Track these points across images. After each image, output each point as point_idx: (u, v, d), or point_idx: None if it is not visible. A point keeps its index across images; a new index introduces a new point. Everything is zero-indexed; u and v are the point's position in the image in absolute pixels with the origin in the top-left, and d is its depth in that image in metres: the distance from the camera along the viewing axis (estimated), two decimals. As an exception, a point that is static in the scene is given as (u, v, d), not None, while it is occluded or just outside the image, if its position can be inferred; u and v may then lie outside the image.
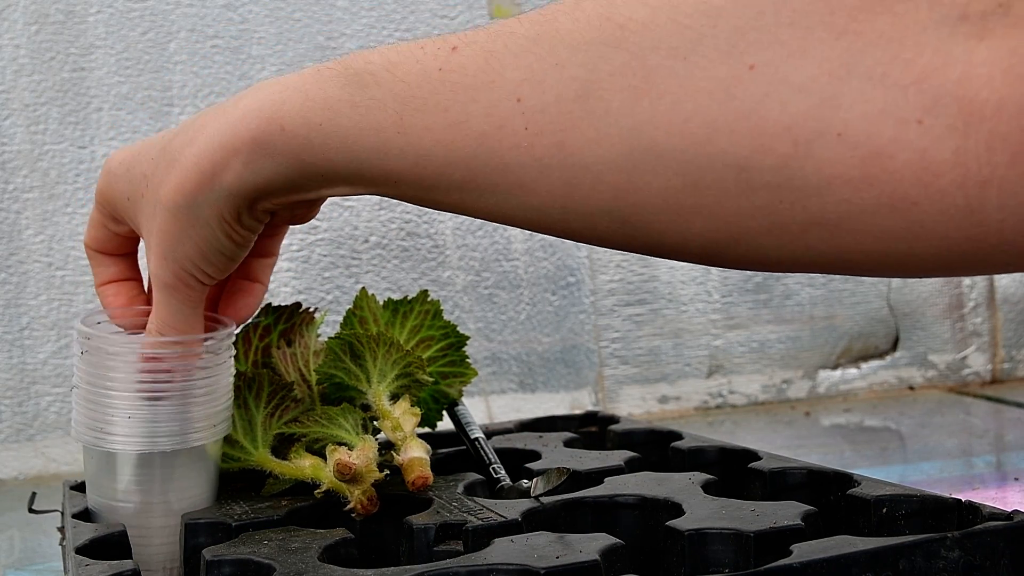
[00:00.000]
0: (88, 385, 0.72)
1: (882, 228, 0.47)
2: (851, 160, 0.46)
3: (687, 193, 0.51)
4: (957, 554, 0.60)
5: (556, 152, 0.54)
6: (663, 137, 0.50)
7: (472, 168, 0.58)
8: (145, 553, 0.72)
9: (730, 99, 0.48)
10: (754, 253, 0.52)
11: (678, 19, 0.50)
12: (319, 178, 0.64)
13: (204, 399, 0.73)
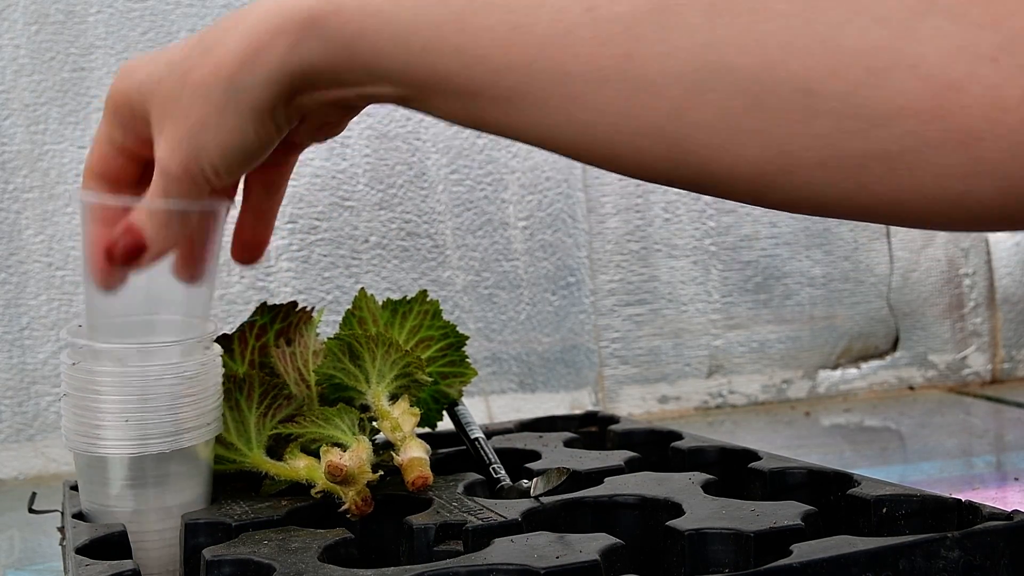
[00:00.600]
0: (77, 391, 0.72)
1: (943, 165, 0.48)
2: (923, 91, 0.47)
3: (748, 115, 0.51)
4: (957, 554, 0.60)
5: (621, 64, 0.53)
6: (734, 55, 0.50)
7: (527, 75, 0.57)
8: (143, 558, 0.72)
9: (808, 23, 0.49)
10: (804, 189, 0.51)
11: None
12: (364, 71, 0.62)
13: (193, 398, 0.73)
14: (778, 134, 0.51)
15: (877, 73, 0.48)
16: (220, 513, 0.73)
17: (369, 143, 1.33)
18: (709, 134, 0.52)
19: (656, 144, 0.54)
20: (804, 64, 0.49)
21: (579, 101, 0.56)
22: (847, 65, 0.48)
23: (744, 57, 0.50)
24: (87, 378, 0.72)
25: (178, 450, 0.73)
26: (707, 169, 0.53)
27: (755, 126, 0.51)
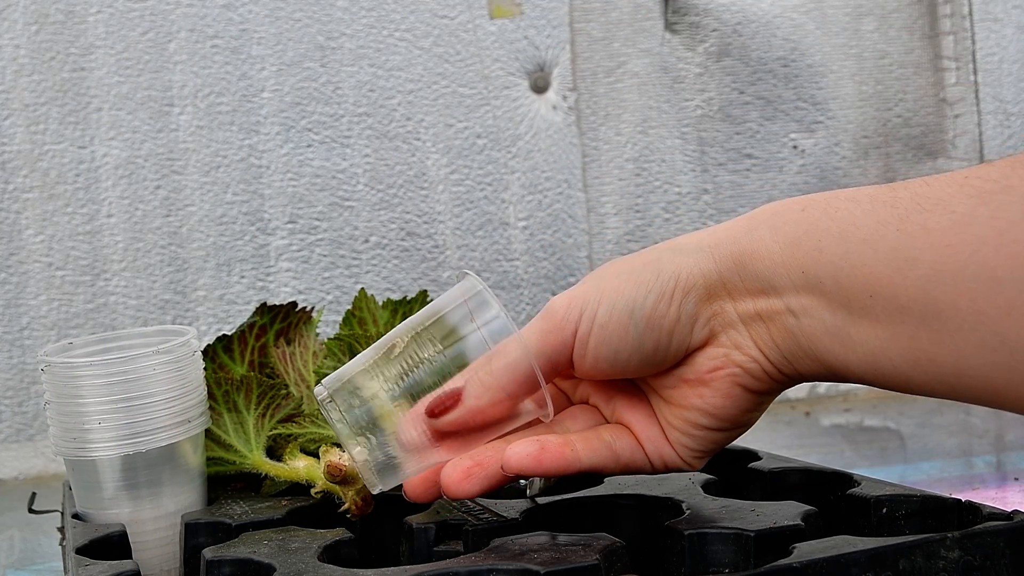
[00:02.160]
0: (59, 398, 0.72)
1: None
2: None
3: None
4: (957, 554, 0.60)
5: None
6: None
7: (956, 282, 0.54)
8: (141, 559, 0.72)
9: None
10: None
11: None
12: (799, 273, 0.60)
13: (174, 396, 0.73)
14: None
15: None
16: (220, 513, 0.73)
17: (369, 143, 1.33)
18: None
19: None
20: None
21: (1010, 316, 0.52)
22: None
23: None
24: (67, 383, 0.72)
25: (166, 450, 0.73)
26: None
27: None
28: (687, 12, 1.40)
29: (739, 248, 0.62)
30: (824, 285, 0.59)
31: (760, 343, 0.63)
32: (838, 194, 0.61)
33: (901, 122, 1.44)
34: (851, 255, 0.58)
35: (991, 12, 1.44)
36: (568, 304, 0.63)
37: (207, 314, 1.29)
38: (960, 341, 0.54)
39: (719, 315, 0.63)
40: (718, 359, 0.63)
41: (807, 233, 0.60)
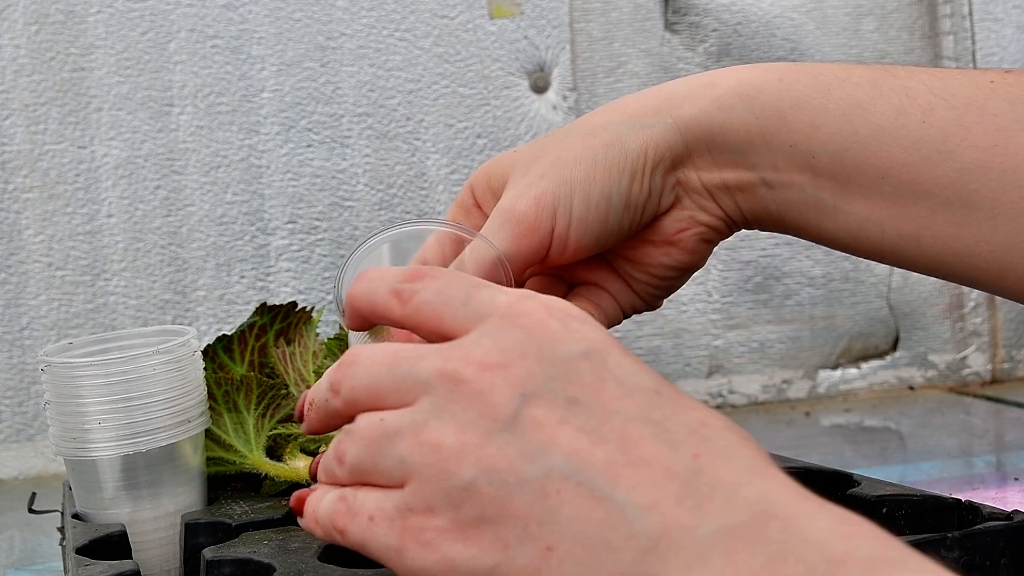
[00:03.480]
0: (58, 398, 0.72)
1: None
2: None
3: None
4: (957, 554, 0.60)
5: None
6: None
7: (1004, 180, 0.56)
8: (141, 559, 0.72)
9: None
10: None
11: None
12: (786, 148, 0.61)
13: (174, 396, 0.73)
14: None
15: None
16: (220, 513, 0.73)
17: (369, 143, 1.33)
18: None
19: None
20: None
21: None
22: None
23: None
24: (67, 383, 0.72)
25: (166, 450, 0.73)
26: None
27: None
28: (687, 12, 1.40)
29: (708, 121, 0.63)
30: (817, 161, 0.61)
31: (726, 207, 0.65)
32: (820, 68, 0.62)
33: (901, 122, 1.44)
34: (863, 138, 0.59)
35: (991, 12, 1.44)
36: (537, 205, 0.62)
37: (207, 314, 1.29)
38: (989, 229, 0.58)
39: (683, 183, 0.65)
40: (683, 221, 0.66)
41: (795, 108, 0.61)
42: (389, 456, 0.45)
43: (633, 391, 0.44)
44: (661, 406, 0.43)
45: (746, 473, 0.41)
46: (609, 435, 0.42)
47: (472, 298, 0.47)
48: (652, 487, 0.41)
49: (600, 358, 0.44)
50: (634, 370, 0.45)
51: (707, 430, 0.43)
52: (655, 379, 0.45)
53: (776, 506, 0.39)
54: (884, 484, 0.70)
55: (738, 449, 0.42)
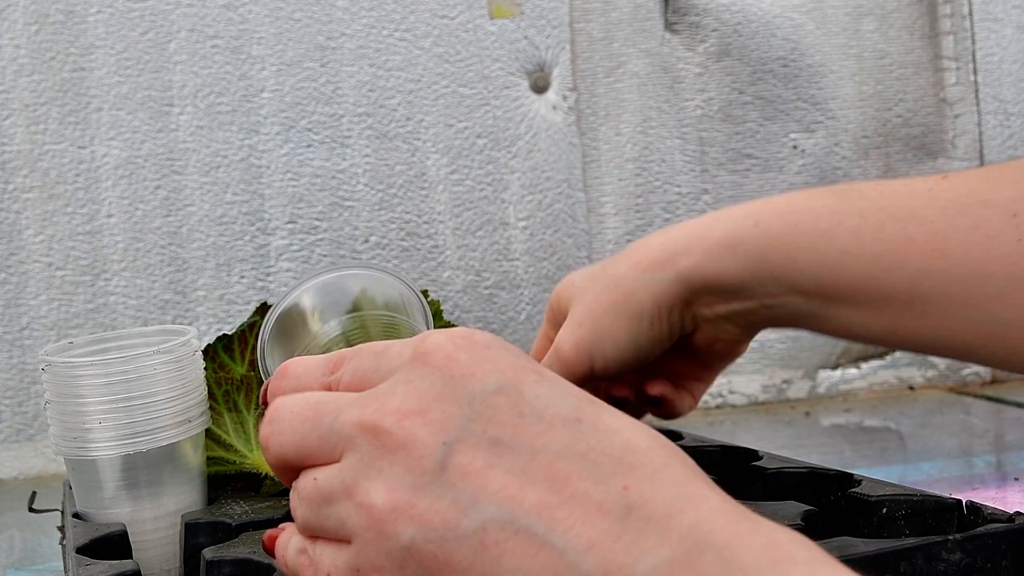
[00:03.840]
0: (59, 397, 0.72)
1: None
2: None
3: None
4: (958, 556, 0.60)
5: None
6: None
7: (946, 278, 0.65)
8: (141, 559, 0.72)
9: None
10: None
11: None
12: (772, 281, 0.71)
13: (177, 394, 0.73)
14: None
15: None
16: (220, 513, 0.73)
17: (369, 143, 1.33)
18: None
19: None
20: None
21: (1002, 300, 0.63)
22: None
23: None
24: (68, 383, 0.72)
25: (166, 450, 0.73)
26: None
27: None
28: (687, 12, 1.40)
29: (703, 272, 0.73)
30: (801, 286, 0.71)
31: (739, 325, 0.76)
32: (784, 201, 0.72)
33: (901, 122, 1.44)
34: (830, 263, 0.69)
35: (991, 12, 1.44)
36: (576, 350, 0.75)
37: (207, 314, 1.29)
38: (946, 320, 0.67)
39: (697, 315, 0.76)
40: (708, 338, 0.77)
41: (771, 248, 0.71)
42: (330, 517, 0.45)
43: (554, 422, 0.44)
44: (584, 435, 0.43)
45: (678, 500, 0.41)
46: (537, 474, 0.42)
47: (382, 357, 0.48)
48: (588, 527, 0.41)
49: (516, 391, 0.45)
50: (551, 398, 0.45)
51: (633, 456, 0.43)
52: (574, 403, 0.45)
53: (709, 535, 0.39)
54: (884, 484, 0.70)
55: (666, 472, 0.42)
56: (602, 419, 0.44)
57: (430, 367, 0.45)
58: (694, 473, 0.43)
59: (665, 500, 0.41)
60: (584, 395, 0.46)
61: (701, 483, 0.42)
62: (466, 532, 0.42)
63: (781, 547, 0.38)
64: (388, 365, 0.47)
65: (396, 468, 0.44)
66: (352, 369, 0.49)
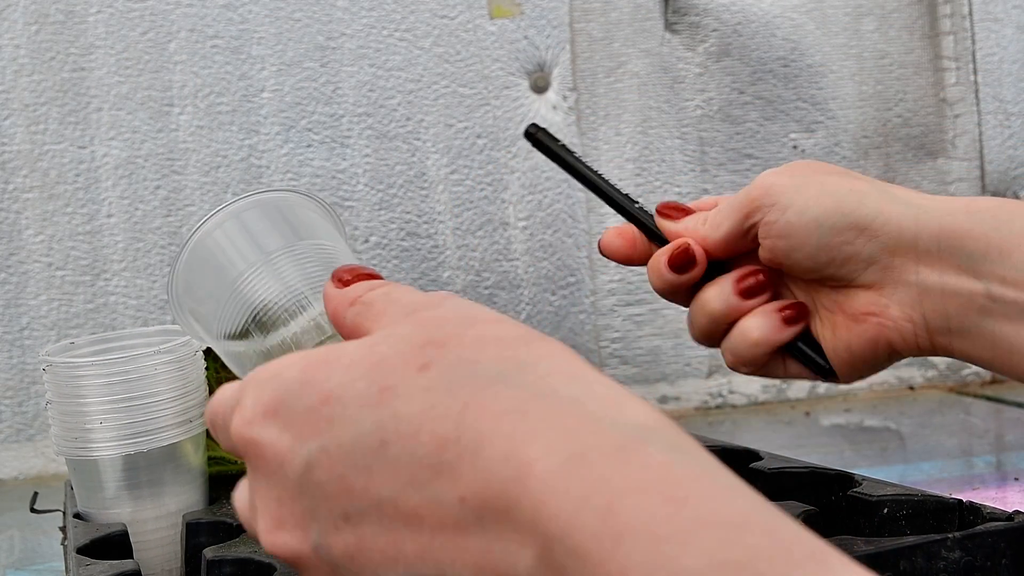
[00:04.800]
0: (60, 398, 0.72)
1: None
2: None
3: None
4: (958, 554, 0.60)
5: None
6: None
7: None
8: (142, 559, 0.72)
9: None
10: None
11: None
12: (1016, 262, 0.62)
13: (178, 394, 0.73)
14: None
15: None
16: (221, 513, 0.73)
17: (369, 143, 1.33)
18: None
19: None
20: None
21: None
22: None
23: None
24: (69, 383, 0.72)
25: (167, 450, 0.73)
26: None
27: None
28: (687, 12, 1.40)
29: (951, 221, 0.63)
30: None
31: (928, 311, 0.66)
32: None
33: (901, 122, 1.44)
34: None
35: (991, 12, 1.44)
36: (765, 192, 0.66)
37: (207, 314, 1.29)
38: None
39: (896, 269, 0.65)
40: (874, 305, 0.67)
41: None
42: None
43: (369, 466, 0.41)
44: (398, 460, 0.41)
45: (509, 492, 0.38)
46: (396, 524, 0.41)
47: (228, 446, 0.47)
48: (463, 553, 0.40)
49: (320, 455, 0.42)
50: (347, 438, 0.42)
51: (446, 453, 0.40)
52: (371, 423, 0.41)
53: (551, 524, 0.37)
54: (885, 484, 0.70)
55: (483, 457, 0.39)
56: (400, 418, 0.41)
57: (255, 464, 0.44)
58: (512, 430, 0.39)
59: (497, 494, 0.39)
60: (366, 382, 0.42)
61: (524, 444, 0.39)
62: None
63: (618, 516, 0.36)
64: (233, 448, 0.46)
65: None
66: (209, 423, 0.49)
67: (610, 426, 0.39)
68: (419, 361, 0.42)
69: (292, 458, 0.43)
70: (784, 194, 0.66)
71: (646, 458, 0.37)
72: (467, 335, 0.43)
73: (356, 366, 0.43)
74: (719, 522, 0.35)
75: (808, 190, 0.65)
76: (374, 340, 0.44)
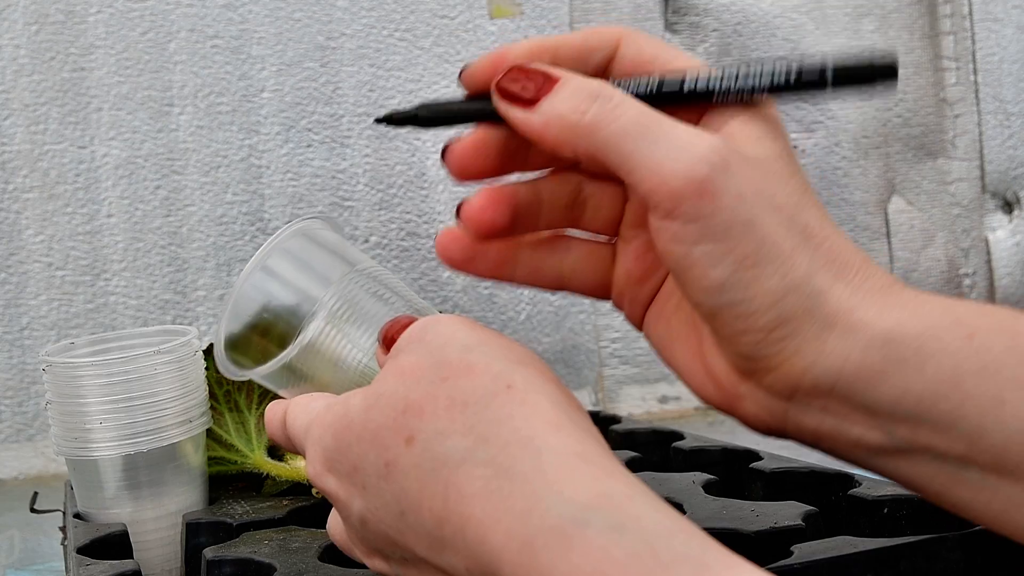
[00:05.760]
0: (60, 397, 0.72)
1: None
2: None
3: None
4: (958, 555, 0.60)
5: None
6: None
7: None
8: (142, 559, 0.72)
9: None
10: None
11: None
12: (938, 417, 0.50)
13: (178, 394, 0.73)
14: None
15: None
16: (221, 513, 0.73)
17: (369, 143, 1.33)
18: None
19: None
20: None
21: None
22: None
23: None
24: (69, 383, 0.72)
25: (167, 450, 0.73)
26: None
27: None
28: (687, 12, 1.40)
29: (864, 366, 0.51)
30: (988, 440, 0.50)
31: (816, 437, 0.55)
32: (1019, 324, 0.51)
33: (901, 122, 1.44)
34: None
35: (991, 12, 1.44)
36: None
37: (207, 314, 1.29)
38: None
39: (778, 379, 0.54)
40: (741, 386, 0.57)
41: (979, 375, 0.50)
42: None
43: (400, 528, 0.48)
44: (414, 528, 0.47)
45: (492, 566, 0.44)
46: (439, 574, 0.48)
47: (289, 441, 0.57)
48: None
49: (369, 514, 0.49)
50: (378, 506, 0.49)
51: (443, 530, 0.46)
52: (388, 497, 0.48)
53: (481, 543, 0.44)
54: (885, 484, 0.70)
55: (467, 538, 0.45)
56: (406, 493, 0.47)
57: (326, 494, 0.52)
58: (482, 515, 0.44)
59: (484, 565, 0.44)
60: (374, 455, 0.48)
61: (491, 531, 0.44)
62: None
63: (527, 529, 0.42)
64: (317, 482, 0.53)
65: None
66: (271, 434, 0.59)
67: (556, 508, 0.42)
68: (405, 433, 0.47)
69: (351, 512, 0.50)
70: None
71: (585, 544, 0.40)
72: (440, 399, 0.47)
73: (363, 439, 0.49)
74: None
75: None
76: (368, 404, 0.49)
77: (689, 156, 0.49)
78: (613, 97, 0.50)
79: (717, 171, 0.49)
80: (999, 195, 1.46)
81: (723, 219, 0.49)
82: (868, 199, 1.43)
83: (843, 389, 0.51)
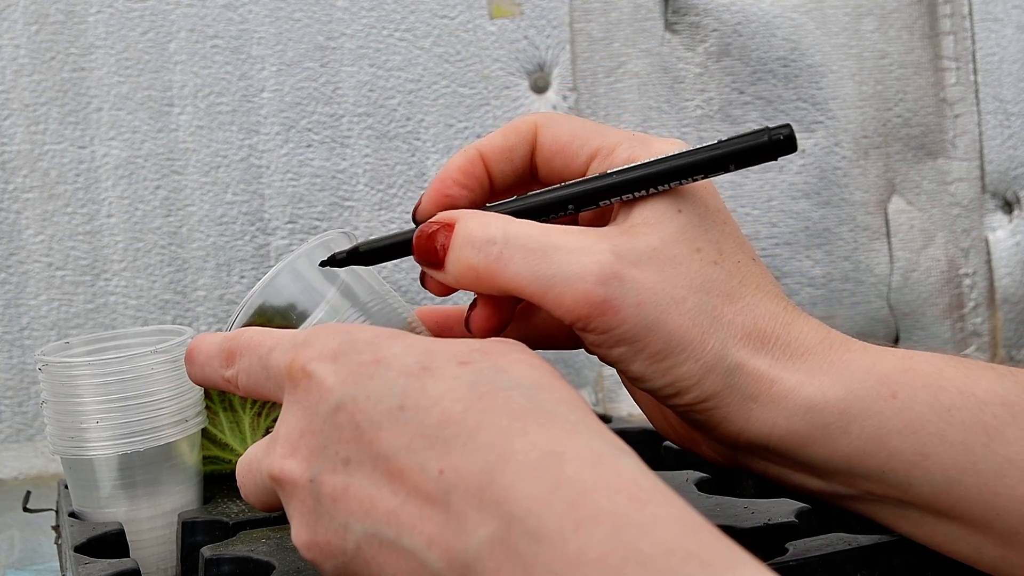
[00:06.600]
0: (55, 397, 0.72)
1: None
2: None
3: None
4: (951, 552, 0.60)
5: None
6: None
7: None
8: (138, 558, 0.72)
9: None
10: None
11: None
12: (867, 472, 0.56)
13: (174, 394, 0.73)
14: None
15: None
16: (217, 512, 0.73)
17: (369, 143, 1.34)
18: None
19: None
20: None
21: None
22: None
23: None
24: (64, 382, 0.72)
25: (163, 449, 0.73)
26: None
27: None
28: (687, 12, 1.40)
29: (795, 430, 0.56)
30: (915, 491, 0.55)
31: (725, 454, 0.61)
32: (942, 381, 0.55)
33: (901, 122, 1.44)
34: (983, 471, 0.53)
35: (991, 12, 1.44)
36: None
37: (207, 314, 1.29)
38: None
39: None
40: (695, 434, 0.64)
41: (903, 434, 0.55)
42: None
43: (382, 422, 0.46)
44: (407, 423, 0.45)
45: (486, 472, 0.42)
46: (382, 481, 0.45)
47: (268, 364, 0.53)
48: (424, 521, 0.43)
49: (350, 401, 0.47)
50: (378, 394, 0.47)
51: (446, 429, 0.44)
52: (400, 387, 0.47)
53: (516, 505, 0.41)
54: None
55: (476, 440, 0.43)
56: (425, 391, 0.46)
57: (298, 393, 0.49)
58: (508, 424, 0.43)
59: (476, 474, 0.42)
60: (413, 359, 0.47)
61: (509, 443, 0.43)
62: (352, 553, 0.46)
63: (584, 507, 0.40)
64: (276, 383, 0.51)
65: (296, 510, 0.49)
66: (245, 372, 0.54)
67: (595, 440, 0.43)
68: (463, 358, 0.47)
69: (328, 397, 0.48)
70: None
71: (618, 466, 0.41)
72: (511, 356, 0.48)
73: (413, 348, 0.49)
74: (678, 520, 0.40)
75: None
76: (438, 342, 0.49)
77: (583, 284, 0.53)
78: (496, 240, 0.56)
79: (612, 289, 0.53)
80: (999, 195, 1.46)
81: (628, 327, 0.54)
82: (868, 199, 1.43)
83: (776, 449, 0.56)
